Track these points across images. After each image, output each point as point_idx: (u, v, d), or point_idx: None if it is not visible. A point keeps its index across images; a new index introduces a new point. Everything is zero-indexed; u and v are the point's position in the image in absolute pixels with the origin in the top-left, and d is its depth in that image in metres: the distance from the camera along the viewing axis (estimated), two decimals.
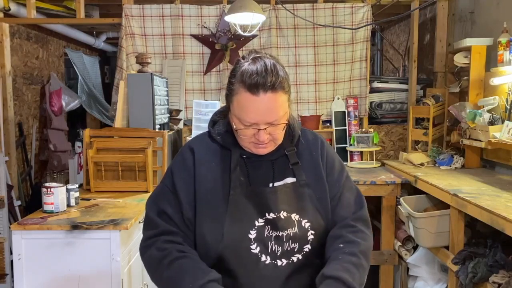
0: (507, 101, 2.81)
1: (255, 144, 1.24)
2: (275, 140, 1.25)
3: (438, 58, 3.87)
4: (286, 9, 3.86)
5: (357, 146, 3.77)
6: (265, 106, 1.17)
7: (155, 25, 3.88)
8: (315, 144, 1.36)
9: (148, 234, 1.27)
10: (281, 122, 1.22)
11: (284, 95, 1.21)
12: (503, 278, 2.14)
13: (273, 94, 1.17)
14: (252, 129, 1.20)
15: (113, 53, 6.00)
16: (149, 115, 3.16)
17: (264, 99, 1.16)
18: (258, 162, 1.29)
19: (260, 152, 1.26)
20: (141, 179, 2.86)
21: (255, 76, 1.16)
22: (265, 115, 1.18)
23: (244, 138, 1.23)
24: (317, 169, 1.32)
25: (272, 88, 1.17)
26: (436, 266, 2.95)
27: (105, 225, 2.15)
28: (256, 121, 1.19)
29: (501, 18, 2.98)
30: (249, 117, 1.18)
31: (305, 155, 1.33)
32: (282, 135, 1.26)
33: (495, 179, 2.79)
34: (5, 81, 3.88)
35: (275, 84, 1.17)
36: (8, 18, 3.89)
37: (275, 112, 1.19)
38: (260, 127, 1.19)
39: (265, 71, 1.17)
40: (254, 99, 1.16)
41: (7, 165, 3.76)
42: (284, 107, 1.21)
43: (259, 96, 1.16)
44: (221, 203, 1.23)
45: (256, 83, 1.16)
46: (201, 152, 1.30)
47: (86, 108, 5.36)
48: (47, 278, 2.16)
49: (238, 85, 1.19)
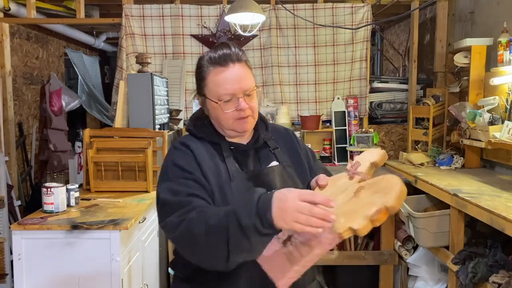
0: (507, 101, 2.81)
1: (238, 120, 1.33)
2: (253, 113, 1.35)
3: (438, 58, 3.88)
4: (286, 9, 3.86)
5: (357, 146, 3.77)
6: (237, 75, 1.31)
7: (155, 25, 3.88)
8: (287, 132, 1.53)
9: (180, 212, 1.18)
10: (253, 89, 1.34)
11: (248, 68, 1.35)
12: (503, 278, 2.14)
13: (240, 64, 1.32)
14: (231, 102, 1.31)
15: (113, 53, 6.00)
16: (149, 115, 3.16)
17: (234, 68, 1.30)
18: (245, 151, 1.39)
19: (243, 128, 1.35)
20: (141, 179, 2.86)
21: (221, 54, 1.31)
22: (239, 83, 1.30)
23: (227, 114, 1.31)
24: (296, 154, 1.47)
25: (237, 59, 1.31)
26: (436, 266, 2.95)
27: (105, 225, 2.15)
28: (233, 90, 1.30)
29: (501, 18, 2.98)
30: (226, 88, 1.30)
31: (280, 143, 1.46)
32: (257, 107, 1.37)
33: (495, 179, 2.79)
34: (5, 81, 3.88)
35: (239, 55, 1.32)
36: (8, 18, 3.89)
37: (246, 79, 1.32)
38: (238, 95, 1.30)
39: (227, 48, 1.32)
40: (225, 70, 1.30)
41: (7, 165, 3.76)
42: (252, 78, 1.35)
43: (229, 66, 1.30)
44: (227, 187, 1.28)
45: (223, 57, 1.30)
46: (194, 144, 1.35)
47: (86, 108, 5.35)
48: (47, 278, 2.16)
49: (208, 67, 1.32)
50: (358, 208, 1.15)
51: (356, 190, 1.21)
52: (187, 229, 1.14)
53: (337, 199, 1.20)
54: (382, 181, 1.19)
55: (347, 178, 1.29)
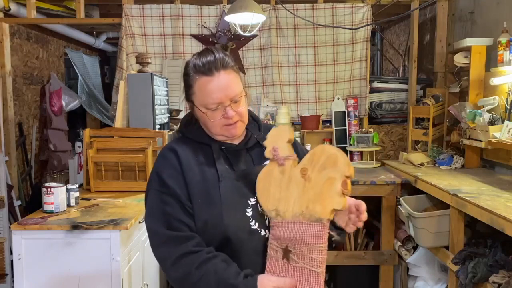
0: (507, 101, 2.81)
1: (226, 126, 1.33)
2: (241, 118, 1.35)
3: (438, 58, 3.87)
4: (286, 9, 3.86)
5: (357, 146, 3.77)
6: (223, 83, 1.29)
7: (155, 25, 3.88)
8: None
9: (171, 252, 1.27)
10: (241, 96, 1.33)
11: (236, 74, 1.34)
12: (503, 278, 2.14)
13: (225, 71, 1.30)
14: (218, 110, 1.30)
15: (113, 53, 6.00)
16: (149, 115, 3.16)
17: (220, 76, 1.29)
18: (236, 151, 1.38)
19: (232, 134, 1.35)
20: (141, 179, 2.86)
21: (205, 62, 1.30)
22: (226, 91, 1.29)
23: (215, 122, 1.32)
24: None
25: (222, 66, 1.30)
26: (436, 266, 2.95)
27: (105, 225, 2.15)
28: (219, 99, 1.29)
29: (501, 18, 2.98)
30: (212, 97, 1.29)
31: None
32: (246, 112, 1.37)
33: (495, 179, 2.79)
34: (5, 81, 3.88)
35: (224, 62, 1.30)
36: (8, 18, 3.89)
37: (233, 87, 1.31)
38: (225, 104, 1.30)
39: (211, 55, 1.31)
40: (211, 79, 1.29)
41: (7, 165, 3.76)
42: (239, 84, 1.33)
43: (214, 75, 1.29)
44: (214, 190, 1.30)
45: (208, 66, 1.29)
46: (182, 150, 1.36)
47: (86, 108, 5.36)
48: (47, 278, 2.16)
49: (194, 76, 1.32)
50: (322, 190, 1.22)
51: (301, 174, 1.24)
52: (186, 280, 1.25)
53: (292, 191, 1.24)
54: (319, 156, 1.23)
55: (277, 166, 1.27)
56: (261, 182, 1.28)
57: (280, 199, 1.25)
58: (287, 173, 1.26)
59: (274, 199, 1.25)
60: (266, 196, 1.26)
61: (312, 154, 1.25)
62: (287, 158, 1.27)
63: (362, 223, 1.27)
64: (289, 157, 1.27)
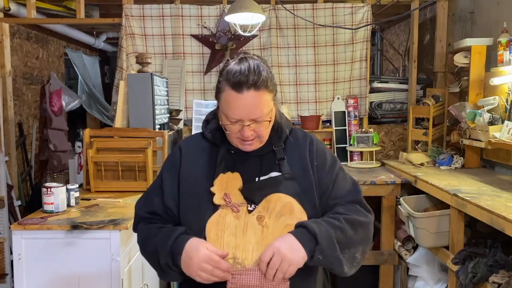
0: (507, 101, 2.81)
1: (241, 140, 1.30)
2: (260, 138, 1.31)
3: (438, 58, 3.88)
4: (286, 9, 3.86)
5: (357, 146, 3.77)
6: (248, 103, 1.24)
7: (155, 25, 3.88)
8: (304, 141, 1.41)
9: (134, 220, 1.46)
10: (265, 120, 1.28)
11: (267, 94, 1.27)
12: (503, 278, 2.14)
13: (256, 92, 1.24)
14: (237, 125, 1.27)
15: (113, 53, 6.00)
16: (149, 115, 3.16)
17: (248, 96, 1.23)
18: (245, 157, 1.34)
19: (246, 149, 1.32)
20: (141, 179, 2.86)
21: (238, 75, 1.23)
22: (248, 112, 1.25)
23: (231, 134, 1.30)
24: (304, 163, 1.36)
25: (254, 86, 1.23)
26: (436, 266, 2.95)
27: (105, 225, 2.15)
28: (240, 117, 1.25)
29: (501, 18, 2.98)
30: (233, 113, 1.25)
31: (293, 151, 1.38)
32: (267, 133, 1.32)
33: (495, 179, 2.79)
34: (5, 81, 3.88)
35: (257, 82, 1.23)
36: (8, 18, 3.89)
37: (258, 109, 1.25)
38: (245, 123, 1.26)
39: (248, 70, 1.23)
40: (238, 96, 1.24)
41: (7, 165, 3.76)
42: (268, 105, 1.28)
43: (243, 93, 1.23)
44: (206, 194, 1.29)
45: (239, 81, 1.23)
46: (189, 150, 1.39)
47: (86, 108, 5.36)
48: (47, 278, 2.16)
49: (224, 83, 1.26)
50: (282, 234, 1.23)
51: (258, 221, 1.25)
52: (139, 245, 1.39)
53: (249, 238, 1.23)
54: (275, 204, 1.26)
55: (229, 213, 1.25)
56: (212, 229, 1.24)
57: (237, 246, 1.22)
58: (242, 220, 1.24)
59: (229, 246, 1.22)
60: (220, 244, 1.22)
61: (267, 202, 1.26)
62: (240, 205, 1.26)
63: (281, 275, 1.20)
64: (242, 204, 1.26)
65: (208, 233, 1.24)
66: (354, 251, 1.30)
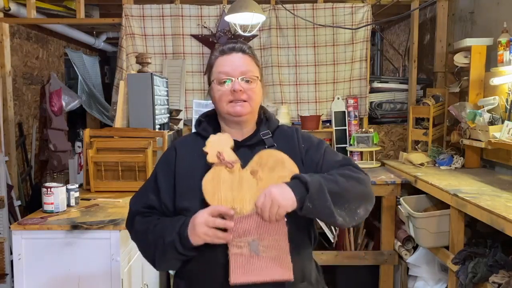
0: (507, 101, 2.81)
1: (232, 103, 1.37)
2: (250, 100, 1.38)
3: (438, 58, 3.87)
4: (286, 9, 3.86)
5: (357, 146, 3.77)
6: (236, 59, 1.38)
7: (155, 25, 3.88)
8: (291, 131, 1.50)
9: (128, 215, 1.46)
10: (254, 76, 1.38)
11: (254, 63, 1.41)
12: (503, 278, 2.14)
13: (243, 55, 1.39)
14: (228, 85, 1.36)
15: (113, 53, 6.00)
16: (149, 115, 3.16)
17: (236, 56, 1.39)
18: (237, 148, 1.39)
19: (237, 111, 1.37)
20: (141, 179, 2.86)
21: (227, 45, 1.41)
22: (237, 66, 1.37)
23: (222, 97, 1.37)
24: (294, 152, 1.42)
25: (242, 50, 1.39)
26: (436, 266, 2.95)
27: (105, 225, 2.15)
28: (230, 70, 1.36)
29: (501, 18, 2.98)
30: (223, 68, 1.37)
31: (281, 141, 1.44)
32: (256, 96, 1.39)
33: (495, 179, 2.79)
34: (5, 81, 3.88)
35: (244, 48, 1.40)
36: (8, 18, 3.89)
37: (245, 64, 1.38)
38: (235, 78, 1.36)
39: (236, 42, 1.42)
40: (227, 57, 1.39)
41: (7, 165, 3.76)
42: (255, 68, 1.40)
43: (231, 54, 1.39)
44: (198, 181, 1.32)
45: (228, 47, 1.40)
46: (183, 147, 1.45)
47: (86, 108, 5.36)
48: (47, 278, 2.16)
49: (215, 57, 1.41)
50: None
51: (252, 176, 1.31)
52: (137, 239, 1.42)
53: (245, 191, 1.29)
54: (267, 159, 1.32)
55: (223, 169, 1.31)
56: (209, 185, 1.29)
57: (234, 199, 1.28)
58: (236, 175, 1.31)
59: (227, 200, 1.28)
60: (217, 199, 1.28)
61: (259, 157, 1.33)
62: (235, 162, 1.32)
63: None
64: (236, 161, 1.32)
65: (205, 190, 1.28)
66: (355, 206, 1.33)
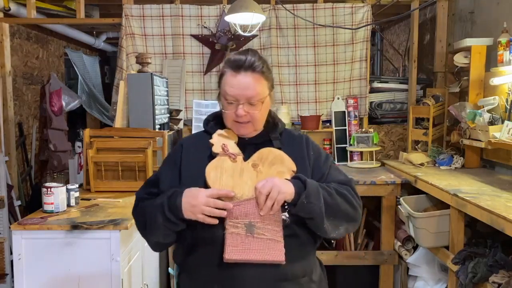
0: (507, 101, 2.81)
1: (236, 123, 1.43)
2: (253, 121, 1.42)
3: (438, 58, 3.87)
4: (286, 9, 3.86)
5: (357, 146, 3.77)
6: (244, 82, 1.38)
7: (155, 25, 3.88)
8: (300, 139, 1.53)
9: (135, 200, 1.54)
10: (258, 100, 1.40)
11: (263, 80, 1.41)
12: (503, 278, 2.14)
13: (252, 74, 1.38)
14: (233, 105, 1.40)
15: (113, 53, 6.00)
16: (149, 115, 3.16)
17: (244, 77, 1.38)
18: (243, 146, 1.45)
19: (240, 132, 1.45)
20: (141, 179, 2.86)
21: (238, 59, 1.40)
22: (243, 90, 1.38)
23: (227, 115, 1.43)
24: (301, 157, 1.46)
25: (251, 68, 1.38)
26: (436, 266, 2.95)
27: (105, 225, 2.15)
28: (235, 96, 1.38)
29: (501, 18, 2.99)
30: (230, 90, 1.39)
31: (288, 144, 1.49)
32: (260, 117, 1.43)
33: (495, 179, 2.79)
34: (5, 81, 3.88)
35: (254, 65, 1.39)
36: (8, 18, 3.89)
37: (252, 89, 1.38)
38: (240, 102, 1.38)
39: (247, 56, 1.40)
40: (235, 75, 1.39)
41: (7, 165, 3.76)
42: (262, 90, 1.41)
43: (240, 73, 1.38)
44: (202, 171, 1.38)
45: (238, 64, 1.39)
46: (190, 145, 1.50)
47: (86, 108, 5.36)
48: (47, 278, 2.16)
49: (225, 69, 1.42)
50: None
51: (253, 168, 1.39)
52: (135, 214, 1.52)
53: (246, 180, 1.36)
54: (267, 155, 1.41)
55: (227, 160, 1.39)
56: (212, 172, 1.37)
57: (235, 186, 1.36)
58: (238, 166, 1.39)
59: (228, 186, 1.35)
60: (219, 184, 1.35)
61: (260, 153, 1.42)
62: (238, 154, 1.41)
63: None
64: (239, 153, 1.42)
65: (208, 176, 1.36)
66: (338, 223, 1.38)
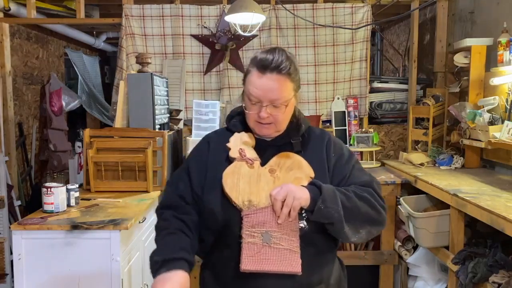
0: (507, 101, 2.81)
1: (258, 123, 1.39)
2: (276, 123, 1.39)
3: (438, 58, 3.87)
4: (286, 9, 3.86)
5: (357, 146, 3.77)
6: (269, 84, 1.34)
7: (155, 25, 3.88)
8: (322, 137, 1.50)
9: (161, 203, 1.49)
10: (282, 103, 1.36)
11: (289, 82, 1.36)
12: (503, 278, 2.14)
13: (278, 76, 1.34)
14: (257, 106, 1.37)
15: (113, 53, 6.00)
16: (149, 115, 3.16)
17: (270, 78, 1.34)
18: (264, 147, 1.44)
19: (262, 133, 1.42)
20: (141, 179, 2.86)
21: (265, 59, 1.35)
22: (267, 92, 1.34)
23: (250, 115, 1.40)
24: (320, 157, 1.43)
25: (277, 70, 1.33)
26: (436, 266, 2.95)
27: (105, 225, 2.15)
28: (259, 97, 1.35)
29: (501, 18, 2.99)
30: (254, 91, 1.35)
31: (310, 146, 1.46)
32: (283, 119, 1.40)
33: (495, 179, 2.79)
34: (5, 81, 3.88)
35: (280, 67, 1.33)
36: (8, 18, 3.89)
37: (277, 91, 1.34)
38: (263, 103, 1.35)
39: (274, 55, 1.35)
40: (260, 76, 1.34)
41: (7, 165, 3.76)
42: (287, 92, 1.36)
43: (265, 75, 1.34)
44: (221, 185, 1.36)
45: (264, 64, 1.34)
46: (216, 142, 1.48)
47: (86, 108, 5.36)
48: (47, 278, 2.16)
49: (251, 67, 1.38)
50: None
51: (270, 174, 1.37)
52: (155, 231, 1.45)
53: (263, 186, 1.34)
54: (285, 160, 1.39)
55: (244, 165, 1.38)
56: (228, 178, 1.35)
57: (251, 193, 1.33)
58: (255, 171, 1.37)
59: (245, 192, 1.33)
60: (236, 191, 1.33)
61: (279, 158, 1.40)
62: (255, 159, 1.39)
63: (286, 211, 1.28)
64: (256, 158, 1.40)
65: (225, 182, 1.34)
66: (359, 226, 1.34)
